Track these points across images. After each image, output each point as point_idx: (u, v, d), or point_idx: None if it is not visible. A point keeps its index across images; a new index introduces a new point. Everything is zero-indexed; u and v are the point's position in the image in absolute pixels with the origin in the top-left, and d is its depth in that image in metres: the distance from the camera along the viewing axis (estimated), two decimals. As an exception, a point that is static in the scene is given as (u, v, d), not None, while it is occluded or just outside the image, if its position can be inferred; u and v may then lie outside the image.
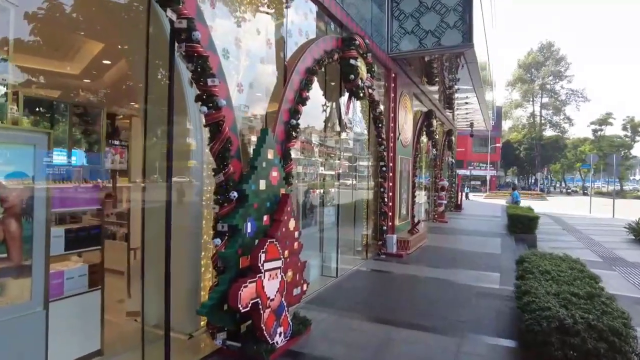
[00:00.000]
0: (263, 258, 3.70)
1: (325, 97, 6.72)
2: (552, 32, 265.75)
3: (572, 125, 61.17)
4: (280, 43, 5.17)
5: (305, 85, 5.13)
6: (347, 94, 6.73)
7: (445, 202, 16.73)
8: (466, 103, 16.81)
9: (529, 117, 62.07)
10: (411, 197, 11.43)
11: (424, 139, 14.14)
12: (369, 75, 6.98)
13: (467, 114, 19.77)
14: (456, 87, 13.42)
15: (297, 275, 4.58)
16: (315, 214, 6.92)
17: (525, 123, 62.63)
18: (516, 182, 62.88)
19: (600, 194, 46.56)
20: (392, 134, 9.36)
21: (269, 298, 3.79)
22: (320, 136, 7.02)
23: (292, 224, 4.41)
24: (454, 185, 21.12)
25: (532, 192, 46.71)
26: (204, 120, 3.61)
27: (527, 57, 60.76)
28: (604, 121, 51.73)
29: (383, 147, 8.66)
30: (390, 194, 9.30)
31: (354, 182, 9.14)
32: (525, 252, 6.10)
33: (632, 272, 9.33)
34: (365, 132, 8.74)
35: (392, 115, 9.35)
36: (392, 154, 9.37)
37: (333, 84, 6.96)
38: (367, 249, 8.69)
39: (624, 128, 52.10)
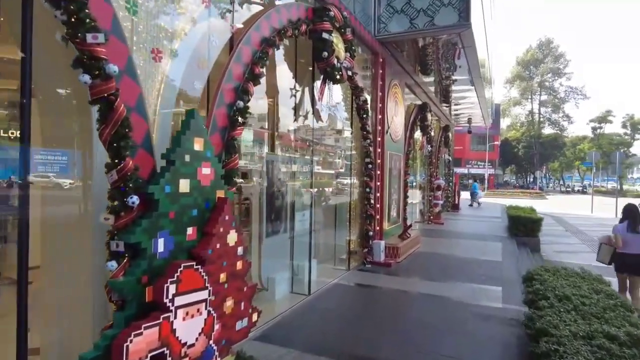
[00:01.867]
0: (173, 290, 2.61)
1: (295, 80, 5.64)
2: (551, 30, 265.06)
3: (571, 123, 60.42)
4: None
5: (260, 59, 4.04)
6: (321, 77, 5.63)
7: (441, 202, 15.66)
8: (464, 98, 15.75)
9: (528, 115, 61.11)
10: (403, 197, 10.34)
11: (417, 134, 13.07)
12: (349, 55, 5.89)
13: (465, 108, 18.72)
14: (453, 77, 12.33)
15: (242, 304, 3.50)
16: (286, 218, 5.84)
17: (523, 121, 61.67)
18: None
19: (600, 192, 45.69)
20: (379, 127, 8.27)
21: (184, 344, 2.70)
22: (291, 127, 5.95)
23: (232, 237, 3.33)
24: (450, 184, 20.06)
25: (532, 191, 45.74)
26: (88, 95, 2.52)
27: (525, 54, 59.75)
28: (604, 119, 50.84)
29: (369, 141, 7.57)
30: (378, 194, 8.23)
31: (336, 180, 8.06)
32: (534, 267, 5.04)
33: None
34: (348, 123, 7.65)
35: (379, 105, 8.26)
36: (380, 150, 8.28)
37: (303, 61, 5.88)
38: (351, 258, 7.61)
39: (624, 126, 51.25)
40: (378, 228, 8.20)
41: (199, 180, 3.14)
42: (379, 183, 8.21)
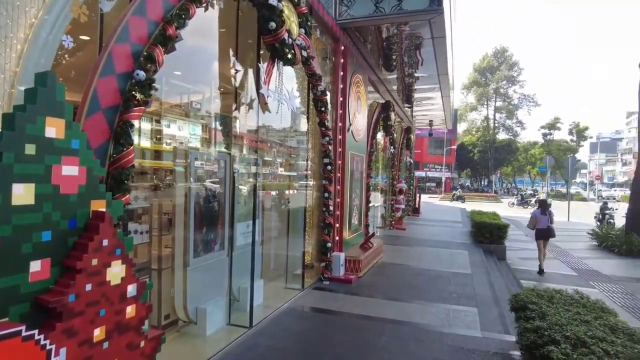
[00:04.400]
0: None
1: (236, 59, 4.53)
2: (506, 38, 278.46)
3: (523, 129, 62.50)
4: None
5: (176, 17, 2.90)
6: (269, 56, 4.55)
7: (403, 206, 14.98)
8: (426, 99, 15.19)
9: (483, 120, 62.77)
10: (365, 202, 9.42)
11: (380, 135, 12.25)
12: (303, 31, 4.85)
13: (426, 111, 18.24)
14: (416, 74, 11.62)
15: (134, 370, 2.35)
16: (223, 230, 4.70)
17: (479, 126, 63.31)
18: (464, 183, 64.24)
19: (551, 196, 47.44)
20: (340, 124, 7.28)
21: None
22: (229, 118, 4.82)
23: (115, 272, 2.18)
24: (411, 187, 19.52)
25: (487, 194, 46.76)
26: None
27: (482, 61, 61.33)
28: (553, 125, 52.96)
29: (328, 139, 6.57)
30: (338, 200, 7.23)
31: (290, 183, 6.99)
32: (523, 292, 4.19)
33: (612, 289, 8.22)
34: (304, 118, 6.60)
35: (341, 99, 7.28)
36: (340, 149, 7.30)
37: (250, 42, 4.78)
38: (306, 274, 6.55)
39: (570, 133, 53.62)
40: (338, 238, 7.20)
41: (55, 186, 1.98)
42: (339, 187, 7.22)
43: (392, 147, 13.46)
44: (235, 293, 4.96)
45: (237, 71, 4.61)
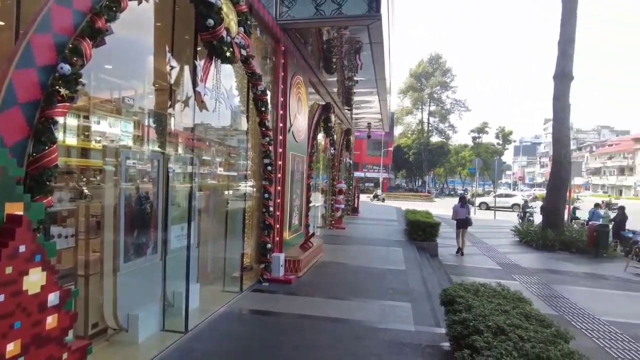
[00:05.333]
0: None
1: (172, 55, 4.37)
2: (441, 46, 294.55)
3: (455, 133, 66.40)
4: None
5: (108, 8, 2.74)
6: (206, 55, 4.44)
7: (343, 206, 15.28)
8: (365, 102, 15.64)
9: (418, 123, 65.86)
10: (305, 203, 9.50)
11: (321, 136, 12.42)
12: (242, 30, 4.79)
13: (365, 113, 18.78)
14: (356, 78, 11.91)
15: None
16: (156, 233, 4.51)
17: (414, 129, 66.33)
18: (404, 183, 67.30)
19: (479, 196, 50.78)
20: (281, 124, 7.29)
21: None
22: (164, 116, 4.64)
23: (33, 281, 2.02)
24: (351, 187, 19.98)
25: (421, 194, 49.07)
26: None
27: (418, 67, 64.26)
28: (482, 130, 56.62)
29: (268, 139, 6.54)
30: (279, 200, 7.23)
31: (228, 184, 6.87)
32: (452, 287, 4.48)
33: (529, 281, 9.03)
34: (244, 117, 6.52)
35: (281, 99, 7.28)
36: (281, 150, 7.30)
37: (187, 38, 4.63)
38: (245, 276, 6.46)
39: (497, 136, 57.72)
40: (278, 239, 7.19)
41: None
42: (279, 188, 7.22)
43: (332, 148, 13.70)
44: (169, 298, 4.78)
45: (172, 67, 4.44)
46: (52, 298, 2.15)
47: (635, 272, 10.25)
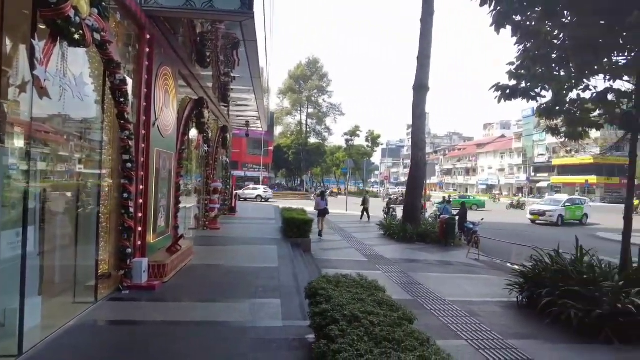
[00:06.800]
0: None
1: (2, 31, 3.68)
2: (320, 50, 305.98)
3: (330, 135, 70.19)
4: None
5: None
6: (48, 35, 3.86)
7: (218, 206, 14.85)
8: (243, 99, 15.44)
9: (297, 124, 67.79)
10: (174, 203, 8.95)
11: (193, 133, 11.84)
12: (96, 11, 4.30)
13: (243, 111, 18.54)
14: (232, 74, 11.67)
15: None
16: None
17: (293, 130, 68.09)
18: (284, 183, 68.73)
19: (351, 194, 54.42)
20: (144, 118, 6.74)
21: None
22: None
23: None
24: (228, 187, 19.54)
25: (299, 193, 50.63)
26: None
27: (296, 69, 66.01)
28: (354, 133, 60.75)
29: (128, 133, 5.99)
30: (141, 200, 6.67)
31: (79, 183, 6.09)
32: (316, 280, 4.67)
33: (391, 270, 9.89)
34: (99, 108, 5.85)
35: (145, 90, 6.73)
36: (144, 145, 6.75)
37: (26, 12, 3.95)
38: (101, 284, 5.81)
39: (367, 139, 62.54)
40: (140, 242, 6.63)
41: None
42: (142, 186, 6.67)
43: (206, 146, 13.17)
44: (-2, 317, 4.03)
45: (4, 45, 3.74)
46: None
47: (474, 258, 12.09)
